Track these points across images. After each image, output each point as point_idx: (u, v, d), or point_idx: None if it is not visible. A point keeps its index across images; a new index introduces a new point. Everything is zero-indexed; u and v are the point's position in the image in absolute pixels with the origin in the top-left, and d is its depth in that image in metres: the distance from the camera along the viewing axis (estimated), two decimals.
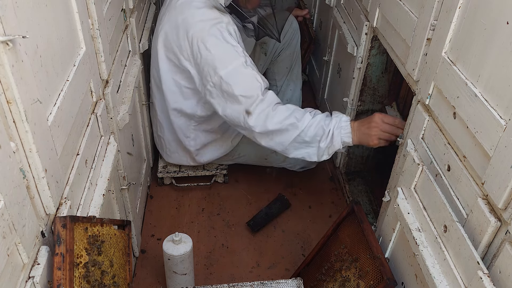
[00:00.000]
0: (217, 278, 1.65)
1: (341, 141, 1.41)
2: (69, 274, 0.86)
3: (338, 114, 1.44)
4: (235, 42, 1.50)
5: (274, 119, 1.44)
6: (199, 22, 1.52)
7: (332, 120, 1.42)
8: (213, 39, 1.49)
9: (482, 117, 0.85)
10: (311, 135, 1.42)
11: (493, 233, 0.84)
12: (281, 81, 2.20)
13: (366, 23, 1.59)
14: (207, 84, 1.53)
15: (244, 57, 1.49)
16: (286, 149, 1.48)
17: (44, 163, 0.83)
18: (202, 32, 1.50)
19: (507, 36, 0.79)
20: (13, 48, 0.70)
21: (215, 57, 1.48)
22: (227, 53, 1.49)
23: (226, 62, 1.48)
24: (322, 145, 1.43)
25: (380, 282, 1.15)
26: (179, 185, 2.01)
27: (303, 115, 1.43)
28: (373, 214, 1.80)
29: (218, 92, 1.51)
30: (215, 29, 1.50)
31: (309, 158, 1.48)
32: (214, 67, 1.48)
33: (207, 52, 1.49)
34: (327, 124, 1.41)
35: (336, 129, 1.40)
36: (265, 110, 1.44)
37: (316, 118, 1.43)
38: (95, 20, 1.13)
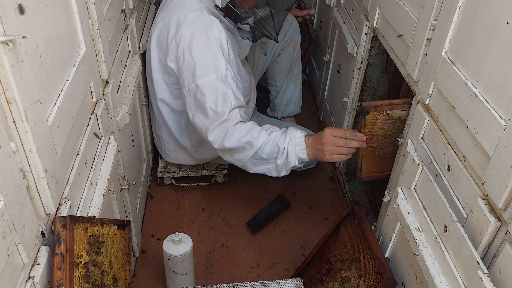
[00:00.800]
0: (217, 278, 1.65)
1: (296, 157, 1.43)
2: (69, 274, 0.86)
3: (293, 131, 1.45)
4: (221, 54, 1.49)
5: (232, 137, 1.47)
6: (189, 26, 1.51)
7: (286, 137, 1.43)
8: (199, 47, 1.49)
9: (482, 117, 0.85)
10: (267, 153, 1.45)
11: (493, 233, 0.84)
12: (281, 81, 2.21)
13: (366, 23, 1.59)
14: (183, 88, 1.55)
15: (225, 71, 1.49)
16: (246, 166, 1.52)
17: (44, 163, 0.83)
18: (190, 37, 1.50)
19: (507, 36, 0.79)
20: (13, 48, 0.70)
21: (196, 65, 1.49)
22: (209, 63, 1.49)
23: (205, 72, 1.48)
24: (279, 162, 1.45)
25: (380, 282, 1.15)
26: (179, 185, 2.01)
27: (259, 133, 1.45)
28: (373, 214, 1.80)
29: (191, 98, 1.53)
30: (203, 36, 1.50)
31: (270, 174, 1.52)
32: (193, 74, 1.50)
33: (190, 58, 1.50)
34: (282, 142, 1.43)
35: (290, 146, 1.42)
36: (224, 128, 1.48)
37: (272, 135, 1.44)
38: (95, 20, 1.13)
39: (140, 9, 1.81)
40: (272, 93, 2.25)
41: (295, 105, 2.26)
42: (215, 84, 1.48)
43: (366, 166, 1.46)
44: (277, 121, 2.14)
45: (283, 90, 2.22)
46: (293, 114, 2.28)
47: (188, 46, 1.50)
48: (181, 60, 1.53)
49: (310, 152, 1.42)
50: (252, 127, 1.46)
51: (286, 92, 2.22)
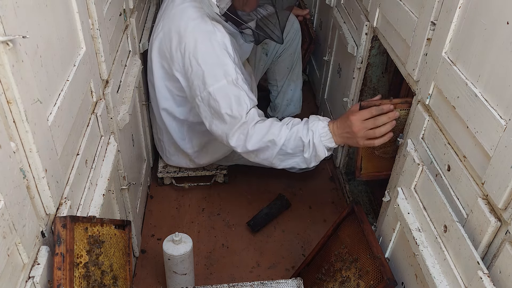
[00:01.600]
0: (217, 278, 1.65)
1: (324, 148, 1.40)
2: (69, 274, 0.86)
3: (314, 122, 1.41)
4: (228, 58, 1.48)
5: (252, 139, 1.44)
6: (192, 35, 1.50)
7: (308, 131, 1.40)
8: (205, 54, 1.48)
9: (482, 117, 0.85)
10: (292, 147, 1.42)
11: (493, 233, 0.84)
12: (282, 81, 2.20)
13: (366, 23, 1.59)
14: (196, 98, 1.53)
15: (235, 74, 1.47)
16: (273, 164, 1.49)
17: (44, 163, 0.83)
18: (194, 45, 1.49)
19: (507, 36, 0.79)
20: (13, 48, 0.70)
21: (205, 73, 1.47)
22: (217, 69, 1.47)
23: (216, 78, 1.47)
24: (307, 156, 1.42)
25: (380, 282, 1.15)
26: (179, 185, 2.01)
27: (280, 129, 1.42)
28: (373, 214, 1.80)
29: (205, 107, 1.51)
30: (208, 43, 1.49)
31: (299, 166, 1.48)
32: (203, 82, 1.48)
33: (198, 67, 1.48)
34: (305, 135, 1.39)
35: (315, 138, 1.39)
36: (244, 131, 1.45)
37: (293, 130, 1.41)
38: (95, 20, 1.13)
39: (140, 9, 1.81)
40: (273, 93, 2.25)
41: (296, 105, 2.26)
42: (227, 89, 1.46)
43: (365, 165, 1.45)
44: None
45: (284, 90, 2.22)
46: (294, 114, 2.27)
47: (193, 55, 1.48)
48: (189, 71, 1.51)
49: (338, 139, 1.39)
50: (271, 124, 1.44)
51: (287, 92, 2.22)
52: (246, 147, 1.46)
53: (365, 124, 1.31)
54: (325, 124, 1.40)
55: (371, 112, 1.30)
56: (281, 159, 1.47)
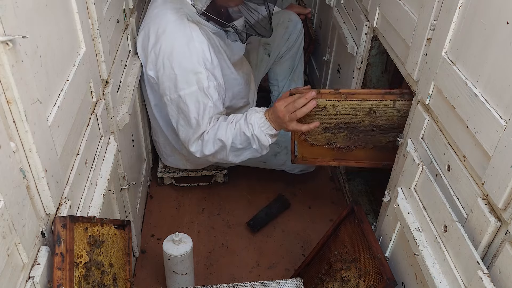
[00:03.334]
0: (217, 278, 1.65)
1: (266, 137, 1.48)
2: (69, 274, 0.86)
3: (252, 114, 1.49)
4: (202, 66, 1.50)
5: (208, 144, 1.54)
6: (169, 37, 1.51)
7: (248, 125, 1.48)
8: (180, 59, 1.50)
9: (482, 117, 0.85)
10: (241, 142, 1.51)
11: (493, 233, 0.84)
12: (283, 81, 2.20)
13: (366, 23, 1.59)
14: (164, 97, 1.57)
15: (207, 82, 1.50)
16: (230, 161, 1.58)
17: (44, 163, 0.83)
18: (170, 49, 1.50)
19: (507, 36, 0.79)
20: (13, 48, 0.70)
21: (178, 77, 1.50)
22: (190, 75, 1.50)
23: (187, 84, 1.50)
24: (255, 147, 1.51)
25: (380, 282, 1.15)
26: (179, 185, 2.01)
27: (226, 129, 1.50)
28: (373, 214, 1.80)
29: (173, 107, 1.56)
30: (184, 48, 1.49)
31: (255, 156, 1.58)
32: (175, 85, 1.51)
33: (171, 70, 1.50)
34: (247, 129, 1.48)
35: (256, 130, 1.47)
36: (202, 138, 1.54)
37: (237, 126, 1.50)
38: (95, 20, 1.13)
39: (140, 9, 1.81)
40: (274, 93, 2.25)
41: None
42: (198, 95, 1.51)
43: (299, 151, 1.51)
44: None
45: (285, 91, 2.21)
46: None
47: (168, 58, 1.50)
48: (161, 71, 1.53)
49: (276, 126, 1.47)
50: (218, 126, 1.52)
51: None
52: (203, 152, 1.56)
53: (287, 108, 1.39)
54: (261, 114, 1.48)
55: (293, 98, 1.39)
56: (236, 155, 1.56)
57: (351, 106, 1.35)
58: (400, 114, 1.34)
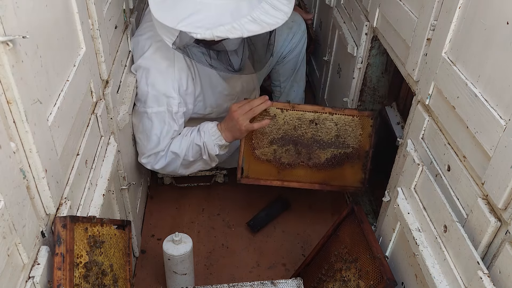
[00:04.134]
0: (217, 278, 1.65)
1: (215, 146, 1.56)
2: (69, 274, 0.86)
3: (205, 124, 1.58)
4: (176, 92, 1.53)
5: (160, 160, 1.60)
6: (151, 57, 1.53)
7: (200, 132, 1.56)
8: (155, 80, 1.52)
9: (482, 117, 0.85)
10: (193, 155, 1.59)
11: (493, 233, 0.84)
12: (285, 82, 2.19)
13: (366, 23, 1.59)
14: (135, 105, 1.59)
15: (177, 108, 1.55)
16: (179, 173, 1.67)
17: (44, 163, 0.83)
18: (149, 67, 1.53)
19: (507, 36, 0.79)
20: (13, 48, 0.70)
21: (149, 94, 1.53)
22: (162, 97, 1.53)
23: (157, 104, 1.54)
24: (205, 157, 1.60)
25: (380, 282, 1.15)
26: (179, 185, 2.01)
27: (180, 142, 1.57)
28: (373, 214, 1.80)
29: (139, 118, 1.59)
30: (162, 71, 1.52)
31: (204, 169, 1.68)
32: (145, 101, 1.55)
33: (145, 85, 1.53)
34: (199, 139, 1.56)
35: (206, 138, 1.55)
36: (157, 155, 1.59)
37: (190, 138, 1.57)
38: (95, 20, 1.13)
39: (140, 9, 1.81)
40: (275, 94, 2.25)
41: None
42: (164, 117, 1.55)
43: (246, 167, 1.59)
44: None
45: (287, 91, 2.21)
46: None
47: (145, 75, 1.53)
48: (138, 82, 1.55)
49: (227, 136, 1.54)
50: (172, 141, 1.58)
51: (290, 93, 2.21)
52: (154, 166, 1.62)
53: (242, 107, 1.49)
54: (214, 124, 1.56)
55: (248, 100, 1.50)
56: (186, 167, 1.64)
57: (297, 116, 1.52)
58: (337, 128, 1.54)
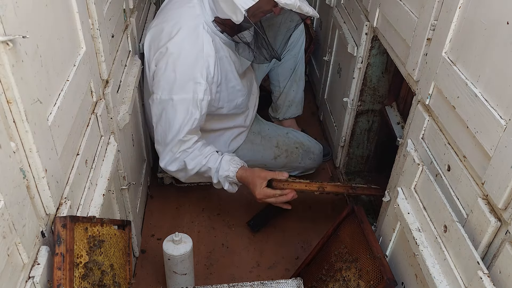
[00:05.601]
0: (217, 278, 1.65)
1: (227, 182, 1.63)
2: (69, 274, 0.86)
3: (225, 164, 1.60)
4: (204, 78, 1.52)
5: (174, 163, 1.61)
6: (180, 43, 1.51)
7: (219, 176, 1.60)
8: (184, 65, 1.51)
9: (482, 117, 0.85)
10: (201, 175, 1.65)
11: (493, 233, 0.84)
12: (284, 82, 2.19)
13: (366, 23, 1.59)
14: (154, 95, 1.57)
15: (202, 95, 1.53)
16: (186, 180, 1.72)
17: (44, 163, 0.83)
18: (178, 53, 1.51)
19: (507, 36, 0.79)
20: (13, 48, 0.70)
21: (176, 81, 1.51)
22: (189, 83, 1.51)
23: (184, 90, 1.52)
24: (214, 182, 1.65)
25: (380, 282, 1.15)
26: (179, 185, 2.00)
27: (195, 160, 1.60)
28: (373, 214, 1.80)
29: (159, 107, 1.57)
30: (192, 56, 1.51)
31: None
32: (170, 88, 1.52)
33: (171, 72, 1.51)
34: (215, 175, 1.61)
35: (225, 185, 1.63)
36: (175, 154, 1.60)
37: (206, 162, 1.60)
38: (95, 20, 1.13)
39: (140, 9, 1.81)
40: (275, 94, 2.25)
41: (297, 107, 2.26)
42: (189, 104, 1.53)
43: None
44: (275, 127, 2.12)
45: (286, 91, 2.21)
46: (295, 116, 2.27)
47: (173, 60, 1.51)
48: (161, 70, 1.53)
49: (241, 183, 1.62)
50: (192, 151, 1.59)
51: (289, 93, 2.22)
52: (167, 167, 1.63)
53: (267, 200, 1.57)
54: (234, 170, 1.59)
55: (274, 194, 1.55)
56: (193, 179, 1.70)
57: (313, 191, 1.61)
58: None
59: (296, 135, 2.03)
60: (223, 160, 1.61)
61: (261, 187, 1.55)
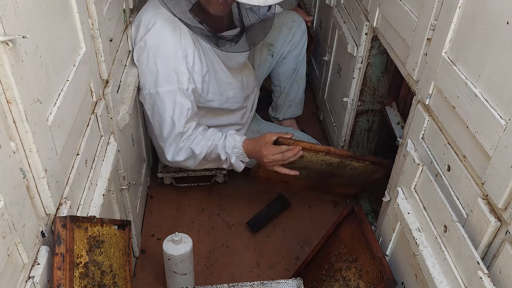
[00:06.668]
0: (217, 278, 1.65)
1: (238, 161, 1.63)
2: (69, 274, 0.86)
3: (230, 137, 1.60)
4: (185, 66, 1.52)
5: (180, 153, 1.62)
6: (157, 34, 1.51)
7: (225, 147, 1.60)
8: (164, 56, 1.51)
9: (482, 117, 0.85)
10: (212, 159, 1.65)
11: (493, 233, 0.84)
12: (285, 82, 2.19)
13: (366, 23, 1.59)
14: (143, 90, 1.59)
15: (187, 84, 1.54)
16: (194, 168, 1.73)
17: (44, 163, 0.83)
18: (156, 44, 1.51)
19: (507, 36, 0.79)
20: (13, 48, 0.70)
21: (160, 73, 1.52)
22: (172, 74, 1.52)
23: (168, 82, 1.53)
24: (225, 166, 1.68)
25: (380, 282, 1.15)
26: (179, 185, 2.01)
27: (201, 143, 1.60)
28: (373, 214, 1.80)
29: (151, 101, 1.59)
30: (170, 47, 1.51)
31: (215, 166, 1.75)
32: (155, 81, 1.54)
33: (154, 65, 1.52)
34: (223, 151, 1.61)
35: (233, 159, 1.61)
36: (177, 143, 1.60)
37: (212, 142, 1.60)
38: (95, 20, 1.13)
39: (140, 9, 1.81)
40: (275, 93, 2.25)
41: (297, 107, 2.26)
42: (175, 95, 1.54)
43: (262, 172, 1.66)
44: (274, 126, 2.12)
45: (287, 91, 2.21)
46: (295, 116, 2.27)
47: (153, 53, 1.52)
48: (144, 64, 1.54)
49: (249, 156, 1.61)
50: (195, 137, 1.60)
51: (290, 93, 2.22)
52: (174, 158, 1.63)
53: (274, 157, 1.52)
54: (240, 140, 1.60)
55: (281, 150, 1.51)
56: (202, 164, 1.68)
57: (322, 159, 1.58)
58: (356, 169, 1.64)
59: (296, 135, 2.03)
60: (228, 134, 1.63)
61: (267, 145, 1.54)
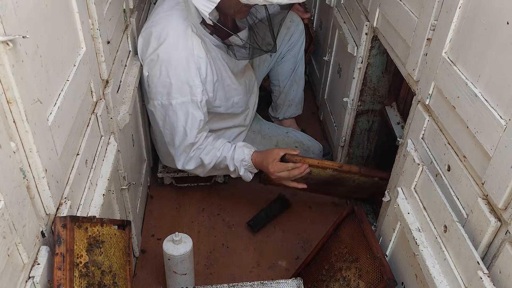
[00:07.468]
0: (217, 278, 1.65)
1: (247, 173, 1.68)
2: (69, 274, 0.86)
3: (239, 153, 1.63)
4: (198, 79, 1.54)
5: (191, 162, 1.66)
6: (170, 47, 1.52)
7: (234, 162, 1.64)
8: (177, 69, 1.52)
9: (482, 117, 0.85)
10: (218, 168, 1.69)
11: (493, 233, 0.84)
12: (285, 82, 2.19)
13: (366, 23, 1.59)
14: (154, 101, 1.60)
15: (200, 96, 1.55)
16: (205, 175, 1.77)
17: (44, 163, 0.83)
18: (168, 58, 1.52)
19: (507, 36, 0.79)
20: (14, 48, 0.70)
21: (173, 85, 1.53)
22: (185, 86, 1.53)
23: (181, 94, 1.54)
24: (233, 176, 1.72)
25: (380, 282, 1.15)
26: (179, 185, 2.01)
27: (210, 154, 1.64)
28: (373, 214, 1.80)
29: (162, 112, 1.60)
30: (183, 59, 1.51)
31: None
32: (168, 93, 1.55)
33: (166, 78, 1.53)
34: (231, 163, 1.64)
35: (241, 171, 1.65)
36: (188, 152, 1.64)
37: (221, 153, 1.64)
38: (95, 20, 1.13)
39: (140, 9, 1.81)
40: (275, 93, 2.25)
41: (297, 107, 2.26)
42: (188, 107, 1.56)
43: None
44: (275, 126, 2.12)
45: (286, 91, 2.21)
46: (295, 115, 2.27)
47: (166, 66, 1.52)
48: (156, 76, 1.55)
49: (257, 167, 1.65)
50: (205, 147, 1.63)
51: (289, 93, 2.22)
52: (185, 166, 1.67)
53: (280, 174, 1.57)
54: (249, 153, 1.63)
55: (287, 168, 1.54)
56: (210, 172, 1.74)
57: (331, 173, 1.60)
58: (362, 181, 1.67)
59: (296, 135, 2.03)
60: (237, 147, 1.65)
61: (274, 162, 1.57)
